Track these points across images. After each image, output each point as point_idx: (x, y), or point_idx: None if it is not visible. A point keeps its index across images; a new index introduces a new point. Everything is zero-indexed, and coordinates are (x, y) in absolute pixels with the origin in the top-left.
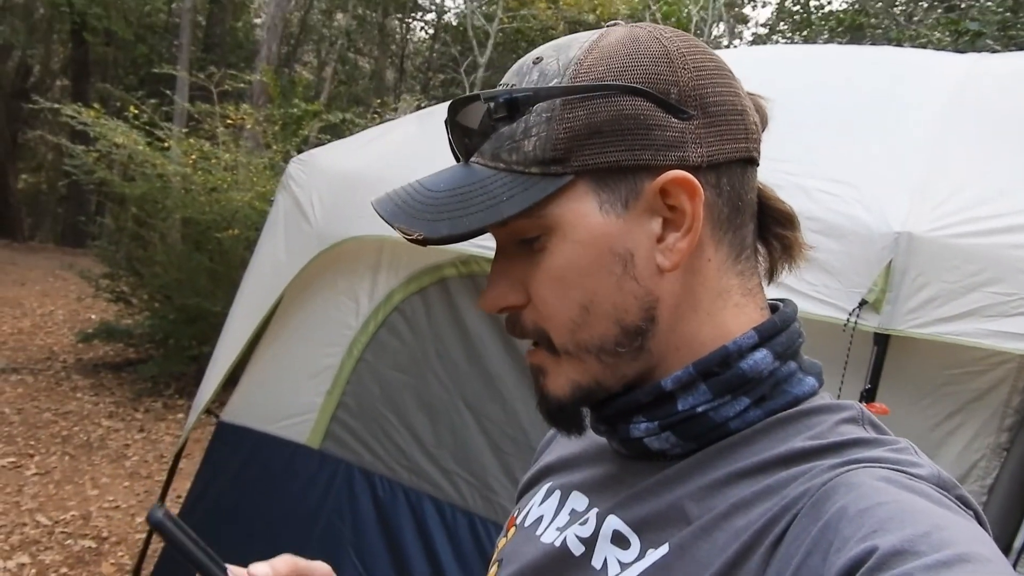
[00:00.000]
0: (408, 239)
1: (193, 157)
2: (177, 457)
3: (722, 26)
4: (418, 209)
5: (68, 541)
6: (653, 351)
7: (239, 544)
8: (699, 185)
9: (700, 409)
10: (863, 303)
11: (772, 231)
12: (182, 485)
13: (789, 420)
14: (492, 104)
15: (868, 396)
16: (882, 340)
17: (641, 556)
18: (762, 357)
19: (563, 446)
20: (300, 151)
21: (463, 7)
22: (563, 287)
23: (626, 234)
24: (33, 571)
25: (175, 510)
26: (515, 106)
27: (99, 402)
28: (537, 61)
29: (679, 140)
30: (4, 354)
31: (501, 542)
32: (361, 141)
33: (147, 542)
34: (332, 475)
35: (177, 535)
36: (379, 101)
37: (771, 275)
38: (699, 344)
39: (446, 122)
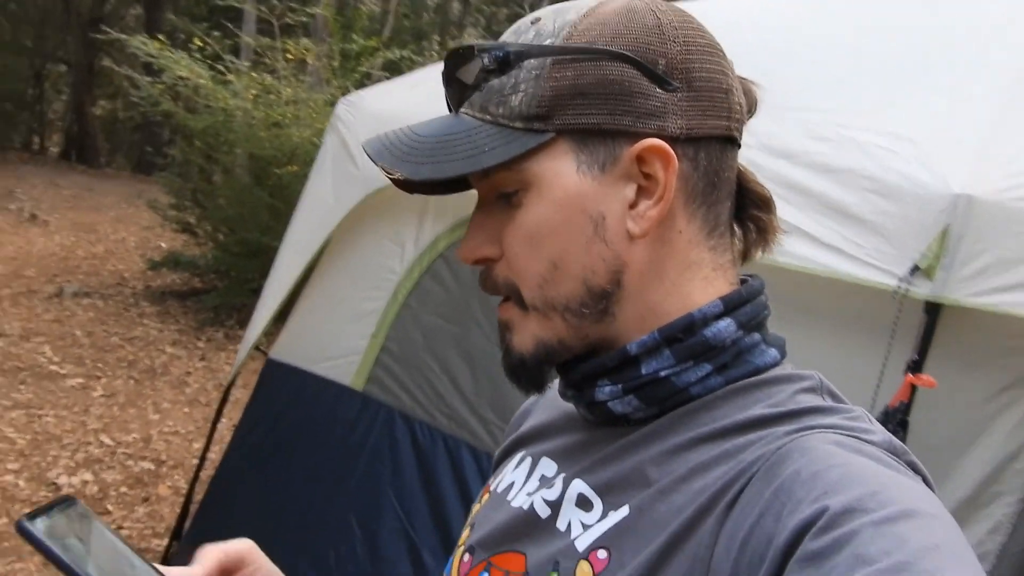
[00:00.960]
0: (391, 180)
1: (253, 92)
2: (227, 391)
3: None
4: (404, 152)
5: (129, 462)
6: (617, 316)
7: (281, 480)
8: (674, 155)
9: (663, 374)
10: (915, 269)
11: (749, 212)
12: (236, 414)
13: (749, 388)
14: (485, 57)
15: (915, 367)
16: (933, 309)
17: (603, 517)
18: (725, 326)
19: (536, 417)
20: (362, 87)
21: None
22: (535, 243)
23: (600, 197)
24: (95, 488)
25: (226, 437)
26: (507, 61)
27: (164, 329)
28: (535, 21)
29: (660, 110)
30: (78, 278)
31: (475, 507)
32: (410, 82)
33: (198, 467)
34: (373, 418)
35: (48, 546)
36: (438, 39)
37: (745, 256)
38: (664, 313)
39: (442, 73)
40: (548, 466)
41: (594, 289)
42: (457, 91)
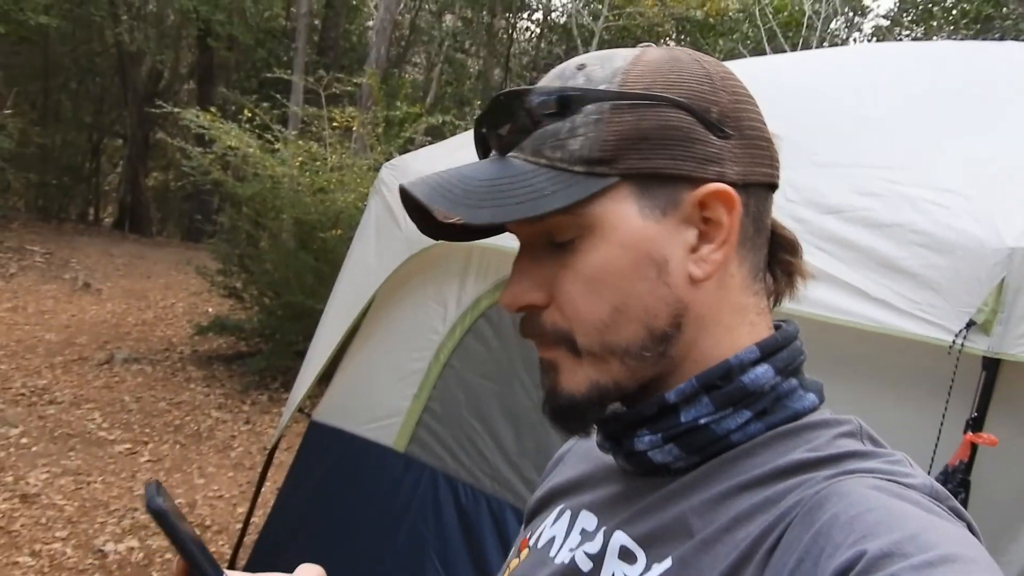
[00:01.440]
0: (420, 227)
1: (300, 159)
2: (271, 454)
3: (839, 19)
4: (457, 195)
5: None
6: (674, 358)
7: (325, 543)
8: (738, 199)
9: (702, 421)
10: (971, 324)
11: (779, 257)
12: (280, 476)
13: (789, 434)
14: (543, 100)
15: (975, 425)
16: (992, 364)
17: (647, 570)
18: (763, 371)
19: (572, 467)
20: (404, 152)
21: (570, 5)
22: (596, 288)
23: (663, 240)
24: (140, 555)
25: (271, 501)
26: (566, 104)
27: (210, 393)
28: (581, 67)
29: (718, 156)
30: (128, 344)
31: (513, 563)
32: (452, 146)
33: (242, 532)
34: (417, 480)
35: (179, 528)
36: (480, 102)
37: (776, 299)
38: (713, 357)
39: (481, 117)
40: (588, 519)
41: (656, 332)
42: (504, 135)
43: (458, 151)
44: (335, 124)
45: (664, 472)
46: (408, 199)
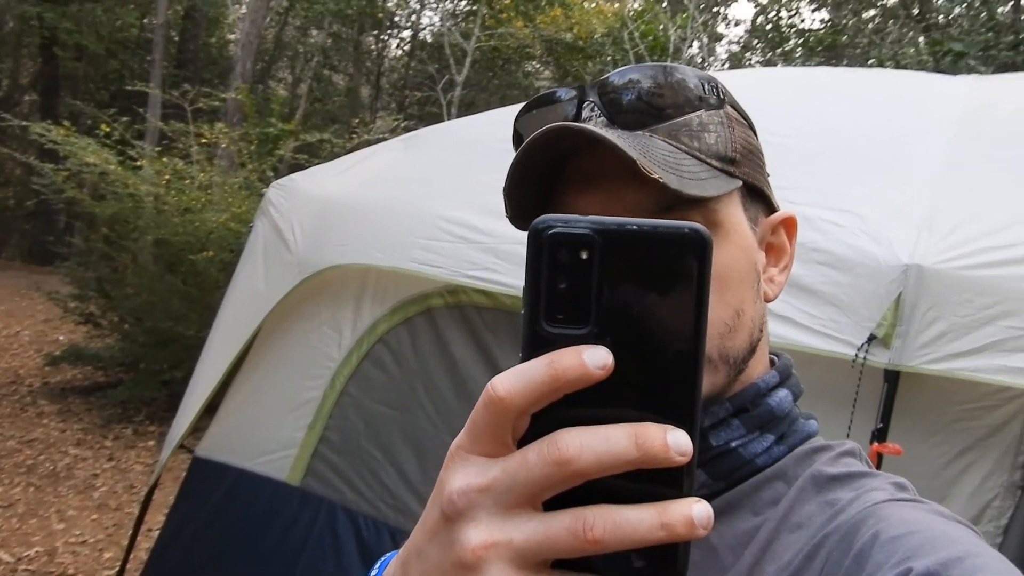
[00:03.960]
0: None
1: (167, 177)
2: (150, 492)
3: (696, 45)
4: (641, 152)
5: None
6: (744, 373)
7: None
8: (797, 229)
9: (733, 444)
10: (872, 338)
11: None
12: (153, 518)
13: (807, 455)
14: (702, 85)
15: (880, 436)
16: (892, 377)
17: None
18: (784, 396)
19: None
20: (276, 170)
21: (439, 25)
22: (722, 288)
23: (756, 254)
24: None
25: (147, 546)
26: (720, 99)
27: (66, 428)
28: (681, 74)
29: (767, 185)
30: None
31: None
32: (343, 166)
33: None
34: (314, 514)
35: None
36: (357, 120)
37: None
38: (747, 381)
39: (607, 86)
40: None
41: (752, 344)
42: (631, 112)
43: (348, 172)
44: (204, 140)
45: None
46: (534, 156)
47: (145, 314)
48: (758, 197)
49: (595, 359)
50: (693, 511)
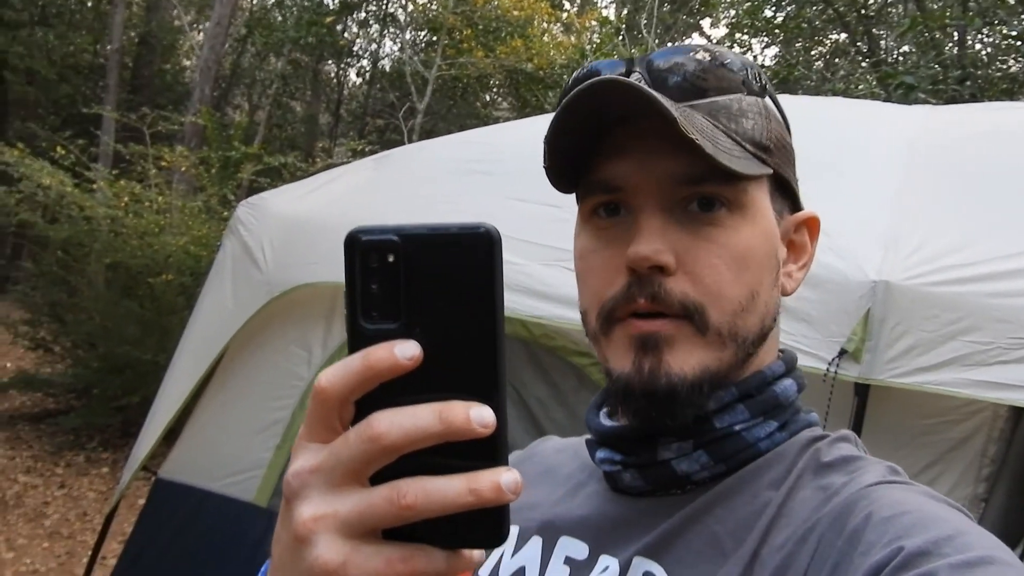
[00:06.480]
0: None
1: (125, 200)
2: (109, 518)
3: None
4: (682, 117)
5: None
6: (752, 361)
7: None
8: (819, 232)
9: (737, 428)
10: (843, 352)
11: None
12: (107, 546)
13: (806, 443)
14: (745, 68)
15: None
16: (863, 390)
17: None
18: (789, 384)
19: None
20: (236, 194)
21: (399, 55)
22: (741, 267)
23: (778, 246)
24: None
25: (102, 574)
26: (763, 86)
27: (15, 456)
28: (717, 53)
29: (796, 183)
30: None
31: None
32: (312, 185)
33: None
34: None
35: None
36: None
37: None
38: (754, 369)
39: (656, 63)
40: (574, 547)
41: (764, 329)
42: (677, 85)
43: (314, 192)
44: (164, 163)
45: (679, 485)
46: (576, 117)
47: (100, 339)
48: (786, 192)
49: (404, 352)
50: (501, 478)
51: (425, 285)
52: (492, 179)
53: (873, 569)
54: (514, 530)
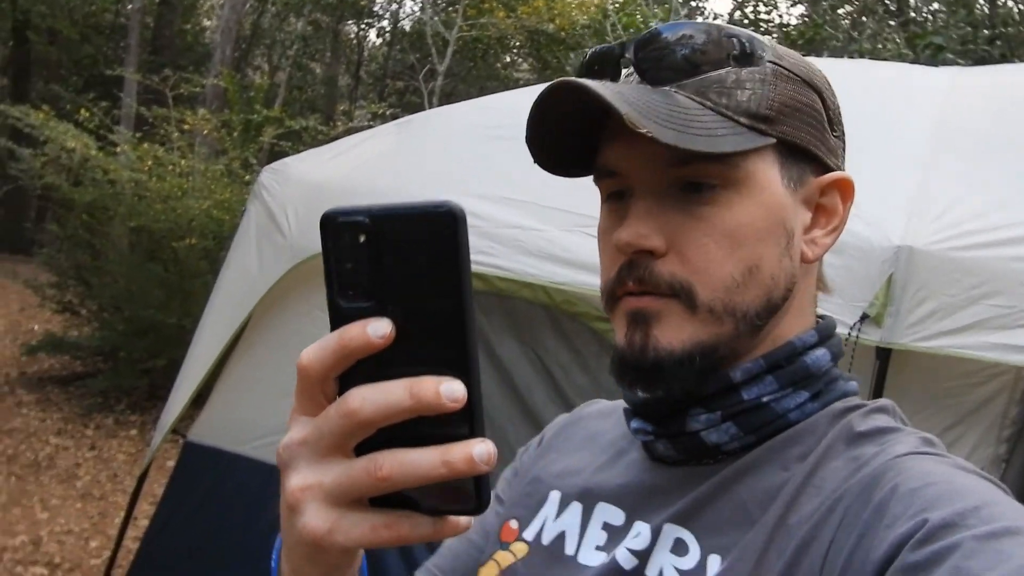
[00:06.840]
0: (556, 156)
1: (148, 163)
2: (141, 480)
3: None
4: (640, 108)
5: (18, 569)
6: (770, 332)
7: (208, 574)
8: (854, 193)
9: (765, 399)
10: (865, 317)
11: None
12: (138, 507)
13: (840, 413)
14: (730, 41)
15: None
16: (884, 354)
17: (702, 563)
18: (822, 354)
19: (566, 455)
20: (257, 158)
21: (419, 15)
22: (733, 244)
23: (792, 213)
24: None
25: (136, 535)
26: (751, 55)
27: (46, 418)
28: (720, 29)
29: (835, 149)
30: None
31: (503, 556)
32: (334, 151)
33: (108, 568)
34: None
35: None
36: (341, 108)
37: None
38: (782, 338)
39: (635, 44)
40: (611, 513)
41: (772, 302)
42: (661, 68)
43: (339, 157)
44: (186, 126)
45: (711, 455)
46: (547, 113)
47: (125, 302)
48: (803, 156)
49: (376, 330)
50: (474, 450)
51: (395, 264)
52: (513, 144)
53: (897, 541)
54: (556, 495)
